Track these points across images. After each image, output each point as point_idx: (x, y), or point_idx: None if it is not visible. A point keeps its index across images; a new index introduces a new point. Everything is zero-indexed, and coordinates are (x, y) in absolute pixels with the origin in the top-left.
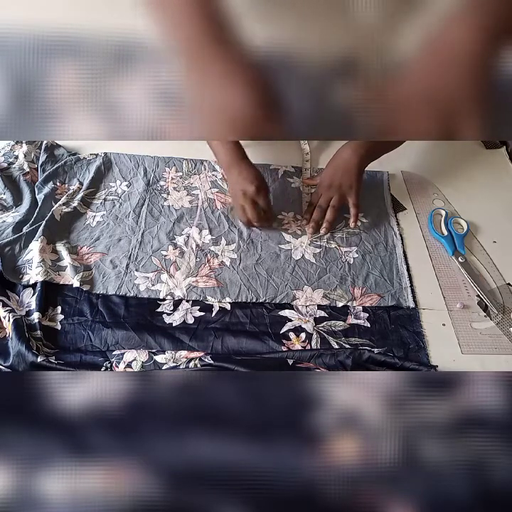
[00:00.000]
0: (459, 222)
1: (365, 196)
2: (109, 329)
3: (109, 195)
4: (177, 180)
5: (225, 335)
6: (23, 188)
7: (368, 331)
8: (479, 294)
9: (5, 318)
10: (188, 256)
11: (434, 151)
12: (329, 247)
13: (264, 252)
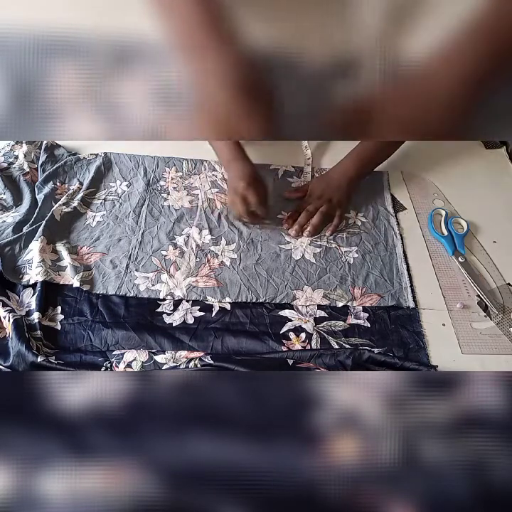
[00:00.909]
0: (459, 222)
1: (366, 196)
2: (109, 329)
3: (109, 195)
4: (177, 180)
5: (225, 335)
6: (23, 188)
7: (367, 331)
8: (479, 294)
9: (5, 318)
10: (188, 256)
11: (434, 151)
12: (329, 247)
13: (264, 252)
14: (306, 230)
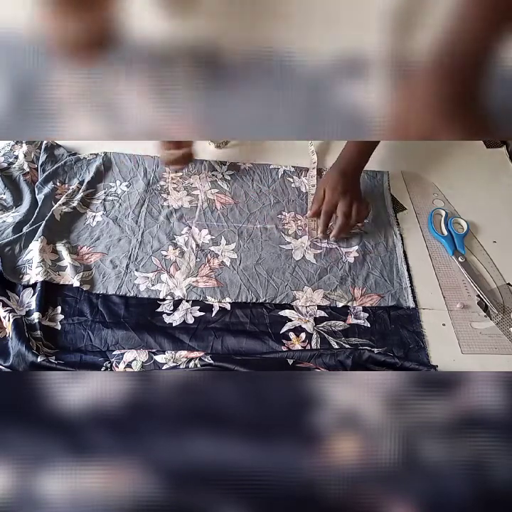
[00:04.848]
0: (459, 222)
1: (365, 196)
2: (109, 329)
3: (109, 195)
4: (177, 181)
5: (225, 335)
6: (23, 188)
7: (367, 331)
8: (479, 294)
9: (5, 318)
10: (188, 256)
11: (434, 151)
12: (330, 247)
13: (265, 252)
14: (332, 235)
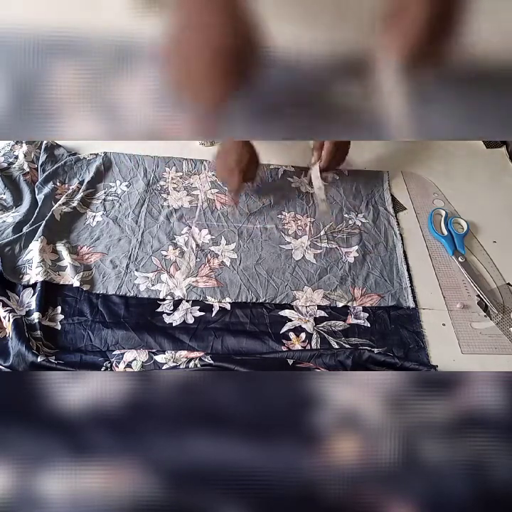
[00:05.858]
0: (459, 222)
1: (365, 196)
2: (109, 329)
3: (109, 195)
4: (177, 181)
5: (225, 335)
6: (23, 188)
7: (367, 331)
8: (479, 294)
9: (5, 318)
10: (188, 256)
11: (434, 151)
12: (330, 247)
13: (265, 252)
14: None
